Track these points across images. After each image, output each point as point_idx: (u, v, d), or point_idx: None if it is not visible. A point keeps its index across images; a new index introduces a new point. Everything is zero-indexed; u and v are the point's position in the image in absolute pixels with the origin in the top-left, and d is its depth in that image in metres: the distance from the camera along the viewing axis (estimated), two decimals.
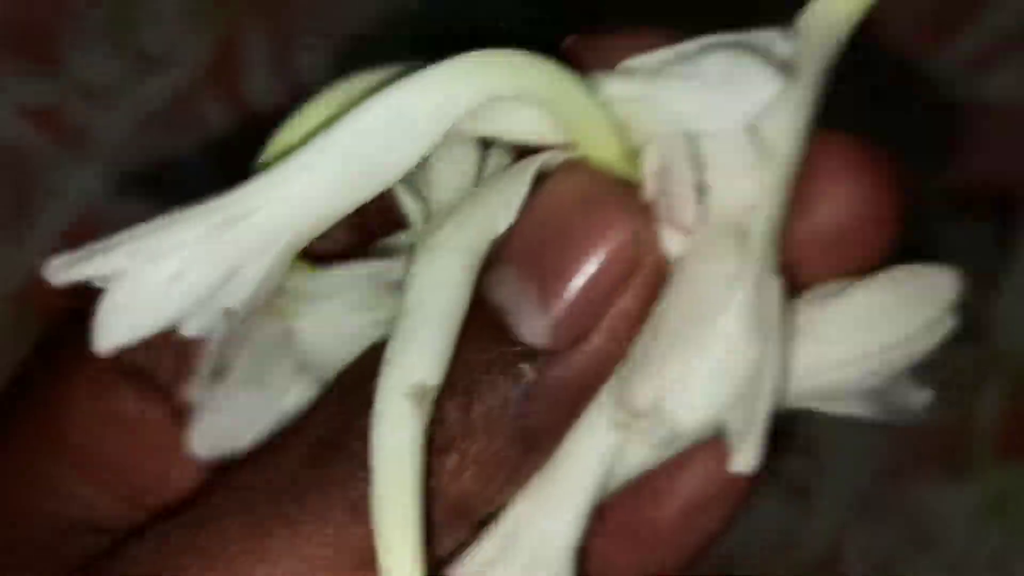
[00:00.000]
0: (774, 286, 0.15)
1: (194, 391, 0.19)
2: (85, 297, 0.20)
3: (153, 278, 0.15)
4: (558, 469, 0.16)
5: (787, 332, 0.16)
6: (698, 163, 0.15)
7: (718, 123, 0.15)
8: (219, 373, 0.18)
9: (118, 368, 0.19)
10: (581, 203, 0.15)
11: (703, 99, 0.15)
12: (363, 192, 0.15)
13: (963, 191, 0.46)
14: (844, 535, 0.45)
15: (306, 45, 0.45)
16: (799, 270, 0.16)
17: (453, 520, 0.16)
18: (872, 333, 0.16)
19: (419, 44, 0.45)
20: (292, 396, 0.20)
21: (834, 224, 0.16)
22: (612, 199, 0.15)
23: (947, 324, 0.17)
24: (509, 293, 0.15)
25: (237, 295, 0.15)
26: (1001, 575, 0.45)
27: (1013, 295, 0.45)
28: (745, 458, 0.16)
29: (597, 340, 0.15)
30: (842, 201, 0.16)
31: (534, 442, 0.15)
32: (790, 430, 0.20)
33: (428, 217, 0.17)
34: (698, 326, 0.15)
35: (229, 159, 0.45)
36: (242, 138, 0.45)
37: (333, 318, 0.19)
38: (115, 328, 0.15)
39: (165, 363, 0.19)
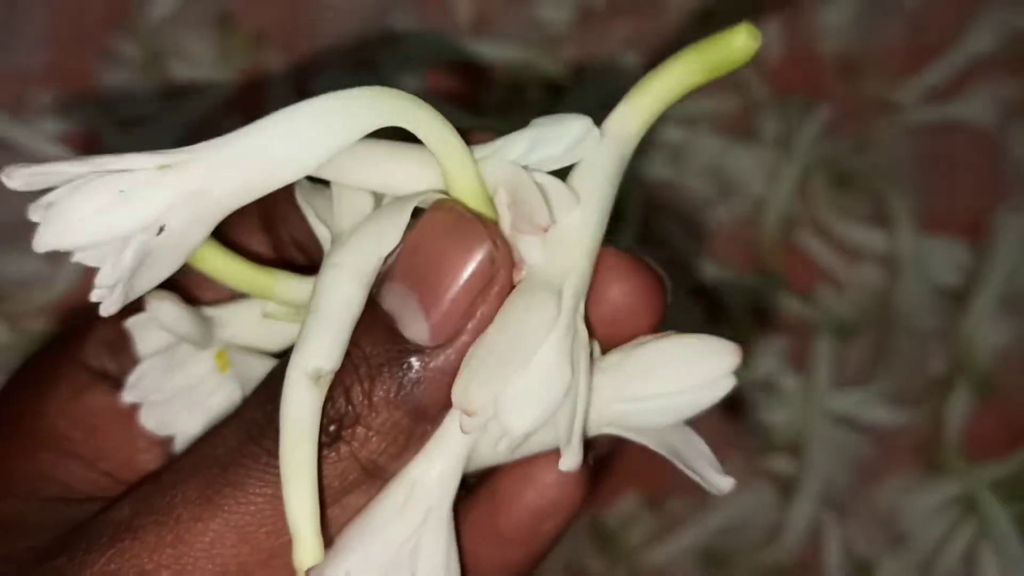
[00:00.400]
0: (582, 333, 0.20)
1: (130, 380, 0.23)
2: (87, 316, 0.24)
3: (101, 193, 0.17)
4: (443, 434, 0.20)
5: (592, 369, 0.20)
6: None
7: (548, 151, 0.19)
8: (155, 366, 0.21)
9: (91, 373, 0.23)
10: (450, 232, 0.19)
11: (534, 139, 0.19)
12: (266, 180, 0.18)
13: (938, 210, 0.47)
14: (824, 530, 0.46)
15: (323, 76, 0.47)
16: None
17: (366, 479, 0.19)
18: (658, 380, 0.20)
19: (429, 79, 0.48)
20: (219, 396, 0.24)
21: (615, 311, 0.20)
22: (474, 228, 0.19)
23: (726, 385, 0.20)
24: (397, 304, 0.19)
25: (162, 242, 0.18)
26: (972, 569, 0.46)
27: (982, 307, 0.46)
28: (569, 460, 0.20)
29: (466, 337, 0.19)
30: (620, 296, 0.20)
31: (423, 415, 0.19)
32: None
33: (333, 241, 0.21)
34: (523, 353, 0.19)
35: None
36: None
37: (251, 328, 0.23)
38: (59, 231, 0.17)
39: (128, 368, 0.23)
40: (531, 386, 0.19)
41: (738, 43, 0.19)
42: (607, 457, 0.23)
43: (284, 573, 0.19)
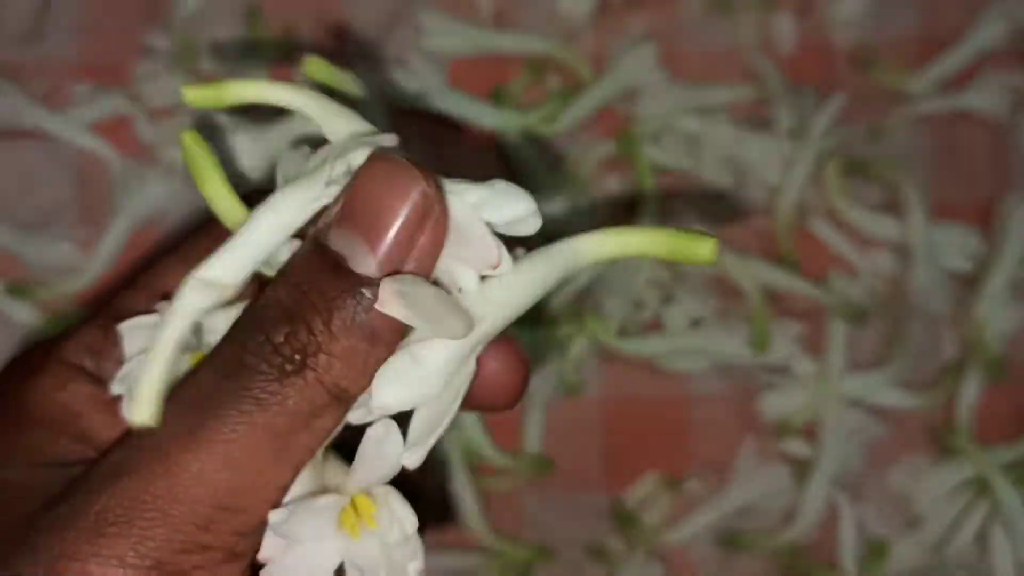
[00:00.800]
0: (469, 369, 0.22)
1: (119, 374, 0.25)
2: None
3: None
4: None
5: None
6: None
7: (492, 216, 0.22)
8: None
9: (73, 368, 0.25)
10: (387, 176, 0.21)
11: (484, 199, 0.22)
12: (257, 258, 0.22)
13: (949, 197, 0.48)
14: (839, 512, 0.47)
15: (348, 69, 0.49)
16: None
17: (331, 402, 0.22)
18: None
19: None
20: None
21: (485, 381, 0.25)
22: (408, 170, 0.21)
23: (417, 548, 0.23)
24: (344, 245, 0.21)
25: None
26: (983, 549, 0.46)
27: (993, 292, 0.47)
28: (411, 459, 0.22)
29: (410, 266, 0.21)
30: (493, 369, 0.25)
31: (378, 338, 0.22)
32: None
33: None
34: (425, 348, 0.21)
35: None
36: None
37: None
38: None
39: (108, 371, 0.25)
40: (411, 374, 0.21)
41: (702, 251, 0.22)
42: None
43: (267, 492, 0.22)
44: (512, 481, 0.47)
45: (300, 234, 0.23)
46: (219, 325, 0.24)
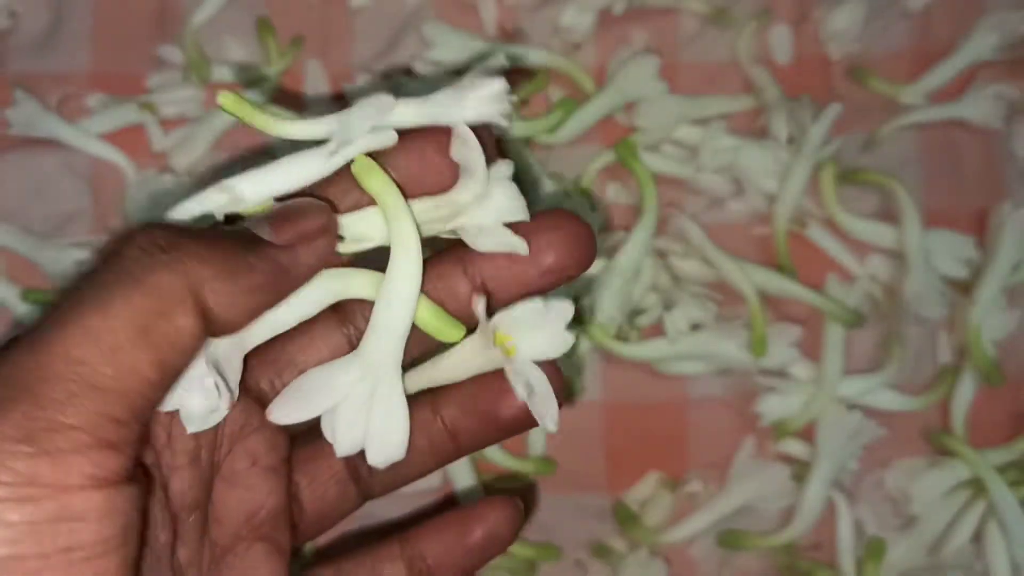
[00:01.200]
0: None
1: None
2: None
3: None
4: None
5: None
6: None
7: (481, 98, 0.26)
8: None
9: None
10: (305, 203, 0.26)
11: (463, 91, 0.26)
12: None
13: (944, 205, 0.49)
14: (836, 512, 0.47)
15: (357, 79, 0.49)
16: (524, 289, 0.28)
17: (191, 306, 0.24)
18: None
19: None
20: (210, 378, 0.27)
21: (554, 262, 0.28)
22: (318, 205, 0.26)
23: (568, 339, 0.28)
24: (255, 227, 0.26)
25: None
26: (979, 549, 0.47)
27: (987, 298, 0.47)
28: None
29: (303, 251, 0.26)
30: (560, 247, 0.28)
31: (251, 270, 0.25)
32: None
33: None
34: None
35: None
36: None
37: None
38: None
39: None
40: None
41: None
42: None
43: (132, 379, 0.22)
44: (517, 482, 0.48)
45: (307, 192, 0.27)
46: (232, 361, 0.27)
